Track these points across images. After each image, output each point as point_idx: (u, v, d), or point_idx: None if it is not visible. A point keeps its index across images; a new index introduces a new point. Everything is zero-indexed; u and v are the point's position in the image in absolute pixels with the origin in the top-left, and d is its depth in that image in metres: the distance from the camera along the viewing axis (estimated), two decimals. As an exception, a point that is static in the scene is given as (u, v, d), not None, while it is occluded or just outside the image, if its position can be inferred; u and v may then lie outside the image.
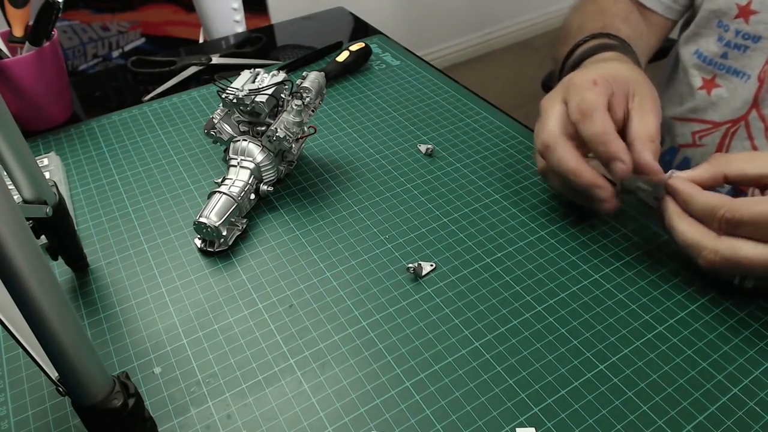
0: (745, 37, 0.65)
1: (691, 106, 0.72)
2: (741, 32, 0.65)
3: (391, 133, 0.67)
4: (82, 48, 1.47)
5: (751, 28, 0.64)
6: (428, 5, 2.31)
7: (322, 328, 0.46)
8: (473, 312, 0.47)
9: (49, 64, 0.67)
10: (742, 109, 0.67)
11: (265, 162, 0.56)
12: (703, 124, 0.71)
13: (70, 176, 0.63)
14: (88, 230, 0.56)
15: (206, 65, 0.82)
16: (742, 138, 0.67)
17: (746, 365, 0.42)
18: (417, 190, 0.59)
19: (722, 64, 0.68)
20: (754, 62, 0.65)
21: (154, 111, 0.73)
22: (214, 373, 0.43)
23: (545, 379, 0.42)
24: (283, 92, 0.56)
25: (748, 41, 0.65)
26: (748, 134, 0.67)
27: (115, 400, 0.33)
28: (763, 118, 0.65)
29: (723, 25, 0.67)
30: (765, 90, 0.64)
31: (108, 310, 0.48)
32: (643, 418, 0.39)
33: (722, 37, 0.67)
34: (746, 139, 0.67)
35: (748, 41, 0.65)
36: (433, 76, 0.77)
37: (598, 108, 0.45)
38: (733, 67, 0.67)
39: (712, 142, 0.70)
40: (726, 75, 0.68)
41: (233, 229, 0.53)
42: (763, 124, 0.65)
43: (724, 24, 0.67)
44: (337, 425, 0.40)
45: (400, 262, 0.51)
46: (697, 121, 0.71)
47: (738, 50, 0.66)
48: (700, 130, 0.71)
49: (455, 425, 0.39)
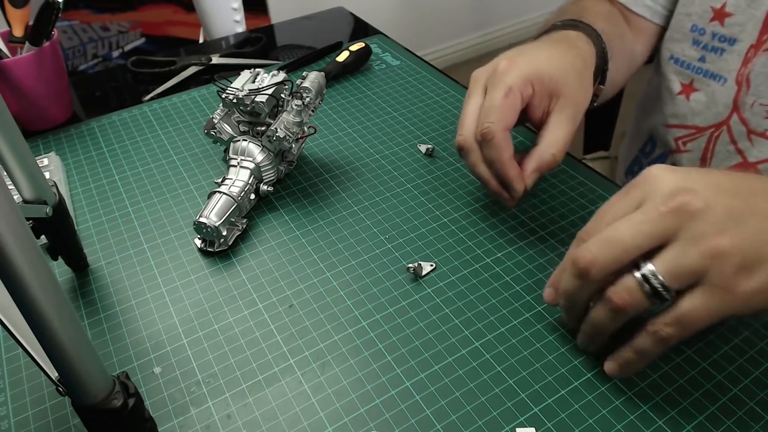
0: (721, 40, 0.65)
1: (672, 111, 0.72)
2: (717, 35, 0.65)
3: (391, 133, 0.67)
4: (82, 48, 1.47)
5: (727, 31, 0.64)
6: (428, 5, 2.31)
7: (322, 328, 0.46)
8: (473, 312, 0.47)
9: (49, 64, 0.67)
10: (724, 113, 0.66)
11: (265, 162, 0.56)
12: (685, 129, 0.71)
13: (70, 176, 0.63)
14: (88, 230, 0.56)
15: (206, 65, 0.82)
16: (726, 142, 0.67)
17: (746, 365, 0.42)
18: (417, 190, 0.59)
19: (699, 67, 0.68)
20: (731, 65, 0.65)
21: (154, 111, 0.73)
22: (214, 373, 0.43)
23: (545, 379, 0.42)
24: (283, 92, 0.56)
25: (724, 44, 0.65)
26: (730, 138, 0.66)
27: (115, 400, 0.33)
28: (745, 121, 0.65)
29: (698, 28, 0.66)
30: (744, 93, 0.64)
31: (108, 310, 0.48)
32: (643, 417, 0.39)
33: (698, 40, 0.67)
34: (729, 143, 0.67)
35: (724, 44, 0.65)
36: (433, 76, 0.77)
37: (496, 133, 0.48)
38: (710, 71, 0.67)
39: (698, 147, 0.70)
40: (703, 79, 0.68)
41: (233, 229, 0.53)
42: (745, 127, 0.65)
43: (699, 27, 0.66)
44: (337, 425, 0.40)
45: (400, 262, 0.51)
46: (679, 126, 0.71)
47: (715, 53, 0.66)
48: (683, 136, 0.71)
49: (455, 425, 0.39)
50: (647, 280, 0.35)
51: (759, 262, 0.34)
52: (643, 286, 0.35)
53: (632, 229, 0.36)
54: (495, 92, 0.49)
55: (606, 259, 0.36)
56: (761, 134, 0.64)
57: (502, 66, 0.50)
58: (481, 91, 0.51)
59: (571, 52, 0.53)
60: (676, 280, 0.35)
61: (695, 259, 0.34)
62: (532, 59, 0.51)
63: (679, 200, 0.35)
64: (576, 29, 0.57)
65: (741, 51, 0.63)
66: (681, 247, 0.34)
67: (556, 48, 0.53)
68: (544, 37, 0.57)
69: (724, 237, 0.34)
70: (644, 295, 0.36)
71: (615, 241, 0.36)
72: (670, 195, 0.35)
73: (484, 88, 0.51)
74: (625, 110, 0.94)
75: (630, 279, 0.36)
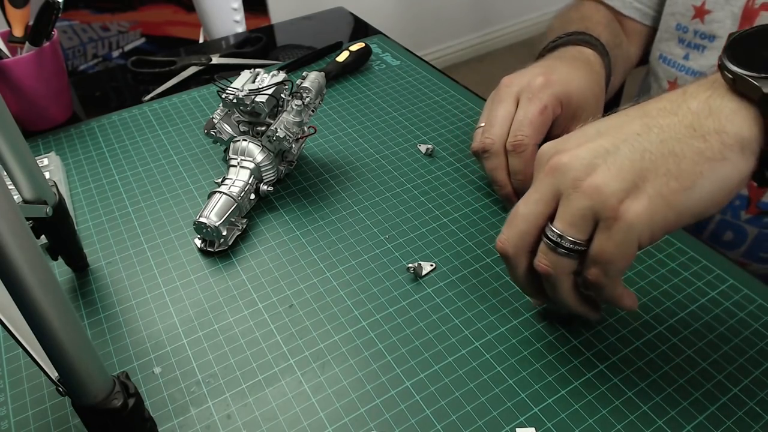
0: (702, 37, 0.66)
1: None
2: (698, 32, 0.66)
3: (391, 133, 0.67)
4: (82, 48, 1.47)
5: (707, 28, 0.65)
6: (428, 5, 2.31)
7: (322, 328, 0.46)
8: (473, 312, 0.47)
9: (49, 64, 0.67)
10: None
11: (265, 162, 0.56)
12: None
13: (70, 176, 0.63)
14: (88, 230, 0.56)
15: (206, 65, 0.82)
16: None
17: (746, 365, 0.42)
18: (417, 190, 0.59)
19: (683, 65, 0.69)
20: (711, 62, 0.66)
21: (154, 111, 0.73)
22: (214, 373, 0.43)
23: (545, 379, 0.42)
24: (283, 92, 0.56)
25: (704, 41, 0.66)
26: None
27: (115, 400, 0.33)
28: None
29: (682, 27, 0.68)
30: None
31: (108, 310, 0.48)
32: (643, 417, 0.39)
33: (682, 38, 0.68)
34: None
35: (705, 41, 0.66)
36: (433, 76, 0.77)
37: (528, 147, 0.51)
38: (692, 68, 0.68)
39: None
40: (686, 76, 0.69)
41: (233, 229, 0.53)
42: None
43: (682, 26, 0.68)
44: (337, 425, 0.40)
45: (400, 262, 0.51)
46: None
47: (697, 50, 0.67)
48: None
49: (455, 425, 0.39)
50: (551, 239, 0.37)
51: (642, 179, 0.34)
52: (551, 246, 0.37)
53: (524, 201, 0.39)
54: (531, 107, 0.52)
55: (513, 236, 0.40)
56: None
57: (540, 82, 0.52)
58: (512, 100, 0.53)
59: (593, 78, 0.56)
60: (574, 228, 0.36)
61: (579, 201, 0.36)
62: (565, 80, 0.53)
63: (551, 162, 0.37)
64: (590, 46, 0.60)
65: (720, 47, 0.64)
66: (565, 198, 0.37)
67: (582, 71, 0.56)
68: (567, 55, 0.59)
69: (596, 173, 0.35)
70: (557, 254, 0.37)
71: (514, 217, 0.40)
72: (546, 161, 0.38)
73: (516, 97, 0.53)
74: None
75: (542, 245, 0.38)
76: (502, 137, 0.52)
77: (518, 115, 0.52)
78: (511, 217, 0.40)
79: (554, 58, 0.58)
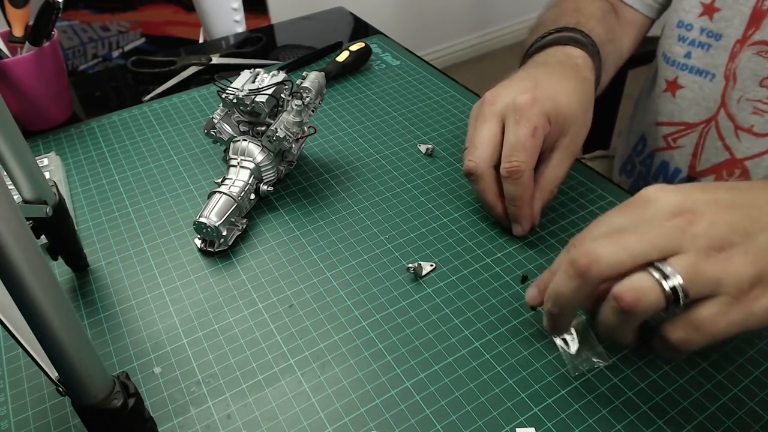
0: (708, 35, 0.65)
1: (660, 108, 0.72)
2: (705, 30, 0.65)
3: (391, 133, 0.67)
4: (82, 48, 1.47)
5: (714, 26, 0.64)
6: (428, 5, 2.31)
7: (322, 328, 0.46)
8: (473, 312, 0.47)
9: (49, 64, 0.67)
10: (713, 108, 0.67)
11: (265, 162, 0.56)
12: (673, 126, 0.71)
13: (70, 176, 0.63)
14: (88, 230, 0.56)
15: (206, 65, 0.82)
16: (714, 138, 0.67)
17: (746, 365, 0.42)
18: (417, 190, 0.59)
19: (684, 64, 0.68)
20: (717, 60, 0.65)
21: (154, 111, 0.73)
22: (214, 373, 0.43)
23: (545, 379, 0.42)
24: (283, 92, 0.56)
25: (711, 39, 0.65)
26: (718, 134, 0.67)
27: (115, 400, 0.33)
28: (731, 117, 0.65)
29: (684, 24, 0.67)
30: (731, 88, 0.64)
31: (108, 310, 0.48)
32: (643, 418, 0.39)
33: (684, 36, 0.67)
34: (717, 139, 0.67)
35: (711, 39, 0.65)
36: (433, 76, 0.77)
37: (524, 173, 0.49)
38: (696, 67, 0.67)
39: (690, 143, 0.70)
40: (688, 75, 0.68)
41: (233, 229, 0.53)
42: (732, 123, 0.65)
43: (685, 23, 0.67)
44: (337, 425, 0.40)
45: (400, 262, 0.51)
46: (667, 124, 0.71)
47: (702, 48, 0.66)
48: (672, 133, 0.71)
49: (455, 425, 0.39)
50: (666, 278, 0.33)
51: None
52: (660, 285, 0.34)
53: (638, 236, 0.35)
54: (521, 129, 0.49)
55: (610, 260, 0.35)
56: (748, 130, 0.64)
57: (525, 100, 0.50)
58: (496, 119, 0.51)
59: (581, 87, 0.54)
60: (695, 285, 0.33)
61: (712, 268, 0.33)
62: (551, 95, 0.51)
63: (682, 218, 0.35)
64: (579, 46, 0.57)
65: (727, 46, 0.64)
66: (694, 257, 0.34)
67: (569, 80, 0.53)
68: (553, 60, 0.56)
69: (735, 251, 0.34)
70: (661, 294, 0.34)
71: (622, 245, 0.35)
72: (672, 214, 0.35)
73: (500, 116, 0.51)
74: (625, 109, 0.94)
75: (643, 277, 0.34)
76: (485, 160, 0.50)
77: (509, 139, 0.50)
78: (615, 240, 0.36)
79: (540, 65, 0.56)
